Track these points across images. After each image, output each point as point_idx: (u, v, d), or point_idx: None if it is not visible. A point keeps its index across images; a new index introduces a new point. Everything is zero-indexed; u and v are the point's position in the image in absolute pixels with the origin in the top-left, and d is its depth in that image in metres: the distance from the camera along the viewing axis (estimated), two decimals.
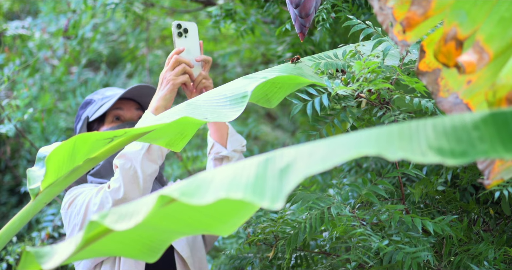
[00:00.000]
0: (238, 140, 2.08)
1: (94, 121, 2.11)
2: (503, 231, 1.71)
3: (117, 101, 2.09)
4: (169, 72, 1.92)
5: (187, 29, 1.96)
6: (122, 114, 2.11)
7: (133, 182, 1.82)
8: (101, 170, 2.03)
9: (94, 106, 2.10)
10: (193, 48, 1.97)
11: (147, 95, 2.11)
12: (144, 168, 1.83)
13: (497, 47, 1.04)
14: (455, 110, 1.13)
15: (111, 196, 1.82)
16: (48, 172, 1.41)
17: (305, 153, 0.91)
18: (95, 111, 2.08)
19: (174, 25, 1.96)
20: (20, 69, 3.23)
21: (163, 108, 1.87)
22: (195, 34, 1.98)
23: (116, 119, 2.10)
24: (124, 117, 2.11)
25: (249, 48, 3.71)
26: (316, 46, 2.37)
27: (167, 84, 1.90)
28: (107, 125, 2.09)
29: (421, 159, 0.86)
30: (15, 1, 4.47)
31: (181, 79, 1.91)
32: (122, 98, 2.11)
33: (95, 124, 2.11)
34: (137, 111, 2.14)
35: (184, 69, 1.92)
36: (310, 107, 1.52)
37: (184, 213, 1.09)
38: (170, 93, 1.89)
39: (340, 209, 1.56)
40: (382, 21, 1.10)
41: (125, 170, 1.82)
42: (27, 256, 1.10)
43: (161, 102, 1.88)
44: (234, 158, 2.05)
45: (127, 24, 3.91)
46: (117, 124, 2.09)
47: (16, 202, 3.68)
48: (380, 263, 1.59)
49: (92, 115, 2.08)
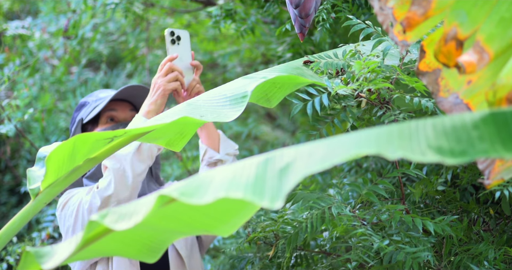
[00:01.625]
0: (230, 144, 2.11)
1: (88, 123, 2.12)
2: (503, 231, 1.71)
3: (111, 102, 2.11)
4: (161, 78, 1.96)
5: (180, 36, 2.03)
6: (116, 115, 2.11)
7: (122, 181, 1.84)
8: (96, 172, 2.04)
9: (88, 108, 2.11)
10: (185, 55, 2.02)
11: (141, 96, 2.12)
12: (134, 168, 1.86)
13: (497, 47, 1.04)
14: (455, 110, 1.13)
15: (99, 195, 1.84)
16: (48, 172, 1.41)
17: (305, 153, 0.91)
18: (89, 113, 2.09)
19: (168, 32, 2.01)
20: (20, 69, 3.23)
21: (154, 112, 1.91)
22: (187, 42, 2.04)
23: (110, 120, 2.11)
24: (118, 118, 2.12)
25: (249, 48, 3.71)
26: (316, 46, 2.37)
27: (158, 89, 1.94)
28: (101, 126, 2.10)
29: (421, 159, 0.87)
30: (15, 1, 4.47)
31: (172, 86, 1.95)
32: (116, 99, 2.12)
33: (89, 126, 2.12)
34: (131, 112, 2.15)
35: (176, 77, 1.96)
36: (310, 107, 1.52)
37: (184, 213, 1.09)
38: (161, 99, 1.93)
39: (341, 209, 1.56)
40: (383, 21, 1.09)
41: (115, 170, 1.85)
42: (27, 256, 1.10)
43: (152, 106, 1.92)
44: (227, 161, 2.07)
45: (127, 24, 3.90)
46: (111, 125, 2.10)
47: (16, 202, 3.68)
48: (380, 263, 1.59)
49: (86, 117, 2.09)
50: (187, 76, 2.01)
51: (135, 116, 1.92)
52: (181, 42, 2.02)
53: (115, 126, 2.09)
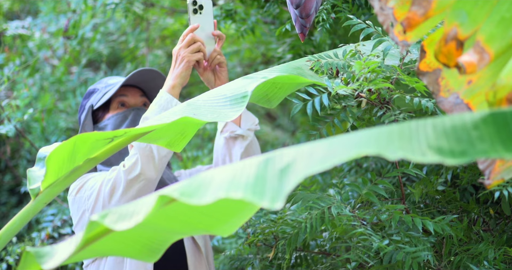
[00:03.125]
0: (251, 118, 2.06)
1: (99, 109, 2.10)
2: (503, 231, 1.71)
3: (121, 88, 2.09)
4: (183, 49, 1.91)
5: (202, 5, 1.97)
6: (127, 101, 2.10)
7: (149, 160, 1.81)
8: (111, 158, 2.01)
9: (98, 95, 2.09)
10: (207, 25, 1.97)
11: (151, 80, 2.10)
12: (159, 149, 1.82)
13: (497, 48, 1.04)
14: (456, 110, 1.13)
15: (124, 176, 1.80)
16: (48, 172, 1.41)
17: (305, 153, 0.91)
18: (99, 99, 2.08)
19: (190, 2, 1.95)
20: (20, 69, 3.23)
21: (179, 86, 1.87)
22: (210, 11, 1.98)
23: (122, 105, 2.09)
24: (129, 103, 2.10)
25: (249, 48, 3.71)
26: (316, 47, 2.37)
27: (182, 61, 1.89)
28: (112, 112, 2.09)
29: (421, 159, 0.86)
30: (15, 1, 4.46)
31: (196, 57, 1.90)
32: (126, 85, 2.11)
33: (100, 112, 2.10)
34: (141, 98, 2.13)
35: (199, 47, 1.91)
36: (310, 106, 1.52)
37: (184, 213, 1.09)
38: (186, 71, 1.89)
39: (341, 209, 1.56)
40: (383, 21, 1.10)
41: (141, 148, 1.81)
42: (27, 256, 1.10)
43: (177, 80, 1.88)
44: (249, 137, 2.03)
45: (127, 24, 3.90)
46: (123, 110, 2.08)
47: (16, 202, 3.68)
48: (380, 263, 1.59)
49: (96, 103, 2.08)
50: (208, 47, 1.96)
51: (160, 92, 1.87)
52: (204, 11, 1.97)
53: (127, 111, 2.08)
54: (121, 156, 2.00)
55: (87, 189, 1.87)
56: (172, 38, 4.03)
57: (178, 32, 3.97)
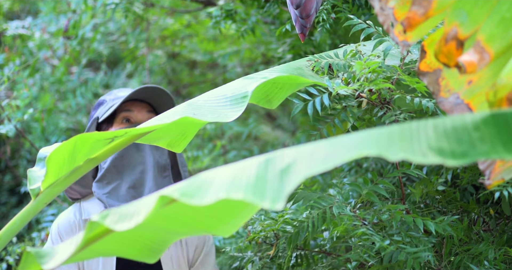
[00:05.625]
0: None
1: (104, 122, 2.06)
2: (503, 231, 1.71)
3: (128, 102, 2.03)
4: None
5: None
6: (132, 116, 2.03)
7: None
8: (106, 174, 1.96)
9: (105, 107, 2.05)
10: None
11: (157, 96, 2.04)
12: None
13: (498, 47, 1.04)
14: (456, 110, 1.13)
15: None
16: (49, 172, 1.41)
17: (305, 154, 0.91)
18: (105, 112, 2.03)
19: None
20: (20, 69, 3.22)
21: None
22: None
23: (126, 121, 2.03)
24: (134, 119, 2.03)
25: (249, 48, 3.71)
26: (316, 47, 2.37)
27: None
28: (116, 127, 2.03)
29: (422, 160, 0.86)
30: (15, 1, 4.46)
31: None
32: (134, 99, 2.05)
33: (104, 125, 2.06)
34: (149, 114, 2.05)
35: None
36: (310, 107, 1.52)
37: (185, 213, 1.09)
38: None
39: (342, 209, 1.56)
40: (383, 21, 1.09)
41: None
42: (28, 257, 1.10)
43: None
44: None
45: (127, 24, 3.90)
46: (125, 125, 2.02)
47: (16, 202, 3.68)
48: (380, 263, 1.59)
49: (101, 116, 2.04)
50: None
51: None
52: None
53: (129, 127, 2.00)
54: (117, 171, 1.97)
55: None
56: (172, 38, 4.03)
57: (178, 32, 3.97)
